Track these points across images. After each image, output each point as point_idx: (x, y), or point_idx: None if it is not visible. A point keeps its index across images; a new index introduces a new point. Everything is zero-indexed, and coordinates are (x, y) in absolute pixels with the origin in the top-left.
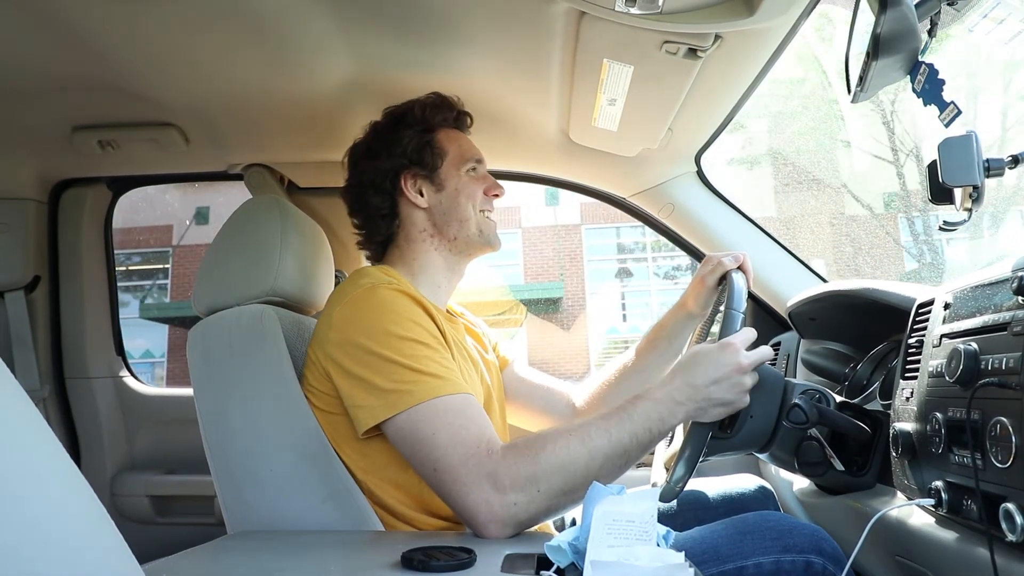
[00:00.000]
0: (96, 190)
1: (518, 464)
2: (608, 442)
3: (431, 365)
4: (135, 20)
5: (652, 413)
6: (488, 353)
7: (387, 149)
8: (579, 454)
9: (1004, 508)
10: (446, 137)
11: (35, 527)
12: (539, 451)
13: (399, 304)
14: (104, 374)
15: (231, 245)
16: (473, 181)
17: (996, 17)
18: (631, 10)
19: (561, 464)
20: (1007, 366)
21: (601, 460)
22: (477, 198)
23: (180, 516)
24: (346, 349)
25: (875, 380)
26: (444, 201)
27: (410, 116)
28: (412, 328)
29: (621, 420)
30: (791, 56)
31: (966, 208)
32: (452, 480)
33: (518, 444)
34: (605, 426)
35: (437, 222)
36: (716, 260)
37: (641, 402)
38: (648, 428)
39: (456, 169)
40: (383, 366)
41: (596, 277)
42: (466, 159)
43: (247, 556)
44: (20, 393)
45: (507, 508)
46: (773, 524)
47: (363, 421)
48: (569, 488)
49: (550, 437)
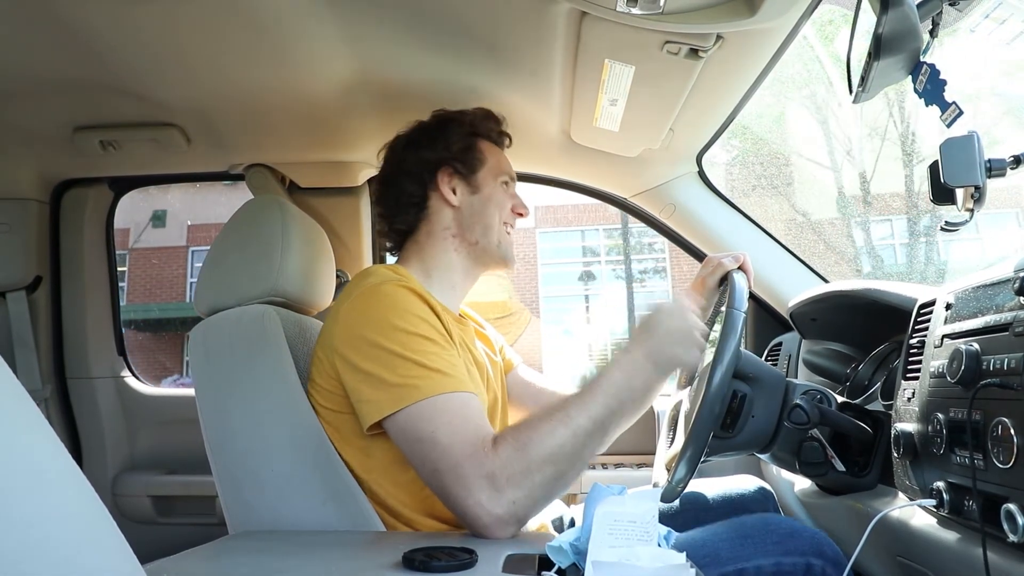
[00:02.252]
0: (98, 190)
1: (511, 459)
2: (588, 419)
3: (437, 361)
4: (137, 20)
5: (620, 381)
6: (496, 355)
7: (431, 142)
8: (564, 437)
9: (1006, 509)
10: (487, 147)
11: (36, 527)
12: (527, 442)
13: (406, 300)
14: (106, 374)
15: (232, 245)
16: (505, 194)
17: (998, 17)
18: (632, 10)
19: (550, 452)
20: (1009, 367)
21: (584, 438)
22: (505, 210)
23: (181, 516)
24: (353, 344)
25: (876, 381)
26: (475, 204)
27: (459, 119)
28: (419, 324)
29: (595, 395)
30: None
31: (968, 208)
32: (452, 482)
33: (507, 437)
34: (582, 404)
35: (463, 223)
36: (716, 261)
37: (608, 373)
38: (619, 398)
39: (493, 178)
40: (390, 360)
41: (552, 280)
42: (503, 172)
43: (248, 556)
44: (22, 393)
45: (507, 507)
46: (774, 527)
47: (369, 416)
48: (560, 473)
49: (534, 425)
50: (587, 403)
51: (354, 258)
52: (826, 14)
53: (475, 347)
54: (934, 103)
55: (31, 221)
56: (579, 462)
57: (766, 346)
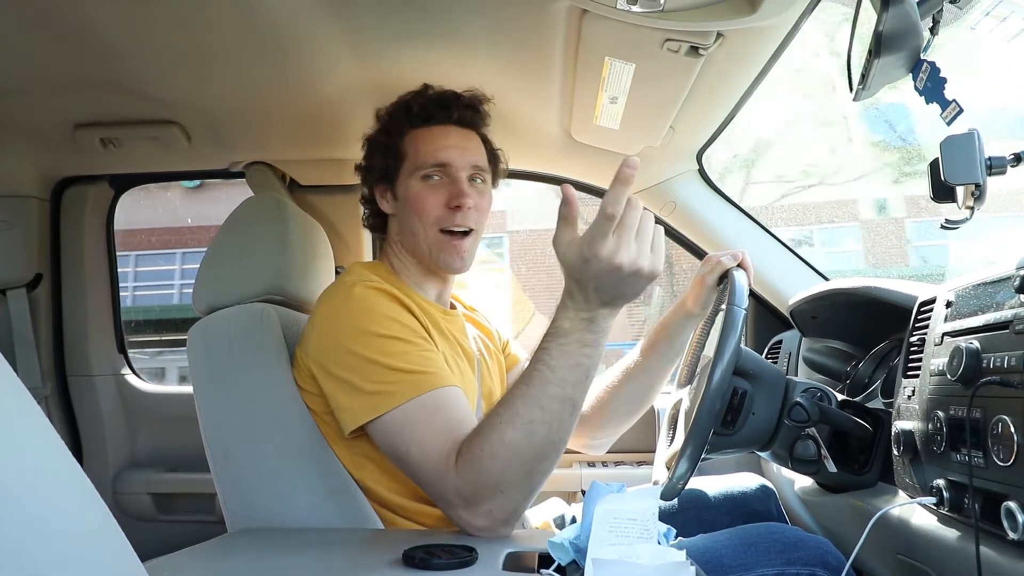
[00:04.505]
0: (98, 188)
1: (472, 476)
2: (540, 408)
3: (409, 360)
4: (138, 18)
5: (566, 349)
6: (495, 347)
7: (368, 155)
8: (518, 438)
9: (1006, 506)
10: (414, 138)
11: (37, 525)
12: (480, 456)
13: (376, 302)
14: (106, 372)
15: (232, 243)
16: (426, 191)
17: (999, 15)
18: (633, 8)
19: (507, 457)
20: (1009, 364)
21: (544, 429)
22: (428, 211)
23: (182, 514)
24: (328, 350)
25: (877, 378)
26: (400, 211)
27: (379, 128)
28: (390, 325)
29: (543, 378)
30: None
31: (968, 207)
32: (432, 496)
33: (463, 454)
34: (529, 394)
35: (401, 231)
36: (715, 260)
37: (547, 350)
38: (574, 364)
39: (408, 176)
40: (363, 366)
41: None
42: (421, 166)
43: (248, 554)
44: (22, 391)
45: (485, 517)
46: (778, 535)
47: (347, 423)
48: (530, 469)
49: (483, 434)
50: (536, 390)
51: (354, 255)
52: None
53: (464, 337)
54: (934, 101)
55: (32, 218)
56: (550, 449)
57: (766, 344)
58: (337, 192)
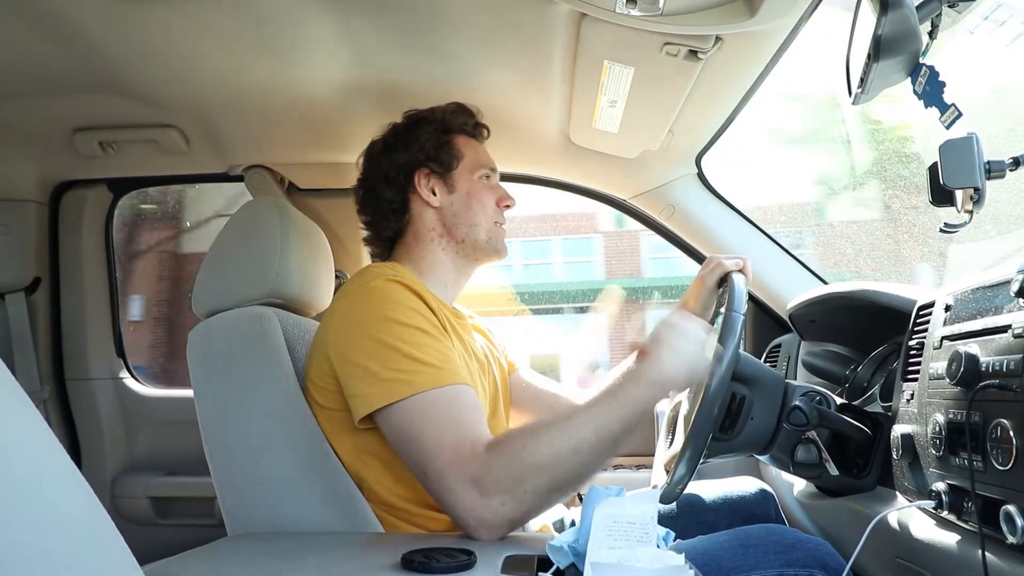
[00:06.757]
0: (97, 192)
1: (501, 465)
2: (594, 432)
3: (430, 353)
4: (136, 22)
5: (643, 395)
6: (497, 350)
7: (405, 145)
8: (564, 450)
9: (1005, 510)
10: (463, 142)
11: (35, 528)
12: (521, 450)
13: (400, 294)
14: (105, 375)
15: (231, 247)
16: (486, 188)
17: (997, 19)
18: (632, 12)
19: (546, 462)
20: (1008, 368)
21: (588, 452)
22: (488, 205)
23: (180, 518)
24: (347, 337)
25: (876, 382)
26: (455, 203)
27: (430, 118)
28: (413, 316)
29: (610, 406)
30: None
31: (967, 210)
32: (439, 485)
33: (502, 442)
34: (590, 416)
35: (447, 223)
36: (716, 261)
37: (630, 386)
38: (636, 410)
39: (470, 173)
40: (382, 353)
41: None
42: (481, 165)
43: (247, 558)
44: (21, 394)
45: (494, 511)
46: (777, 537)
47: (359, 409)
48: (558, 485)
49: (533, 432)
50: (598, 415)
51: (353, 259)
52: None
53: (473, 340)
54: (933, 105)
55: (30, 222)
56: (582, 473)
57: (765, 347)
58: (336, 195)
